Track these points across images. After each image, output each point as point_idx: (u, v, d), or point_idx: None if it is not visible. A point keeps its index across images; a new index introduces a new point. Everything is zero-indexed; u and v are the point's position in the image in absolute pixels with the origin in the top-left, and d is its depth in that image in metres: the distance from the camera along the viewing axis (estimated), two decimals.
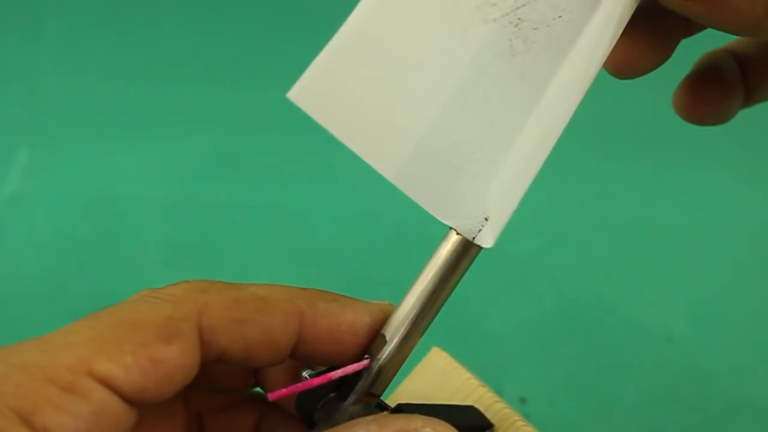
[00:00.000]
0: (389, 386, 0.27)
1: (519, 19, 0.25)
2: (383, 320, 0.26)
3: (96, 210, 0.66)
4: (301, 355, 0.26)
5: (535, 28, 0.25)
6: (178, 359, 0.23)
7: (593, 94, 0.26)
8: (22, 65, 0.77)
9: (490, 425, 0.29)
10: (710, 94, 0.32)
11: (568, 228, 0.67)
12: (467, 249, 0.26)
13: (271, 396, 0.25)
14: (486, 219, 0.25)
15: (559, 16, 0.25)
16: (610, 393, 0.56)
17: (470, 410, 0.30)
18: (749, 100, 0.33)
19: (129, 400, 0.22)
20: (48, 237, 0.65)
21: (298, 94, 0.24)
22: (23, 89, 0.75)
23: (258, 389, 0.29)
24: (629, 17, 0.26)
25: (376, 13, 0.24)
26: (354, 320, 0.26)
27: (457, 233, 0.26)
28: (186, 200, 0.68)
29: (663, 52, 0.29)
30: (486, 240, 0.25)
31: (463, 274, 0.26)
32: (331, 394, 0.27)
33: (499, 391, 0.54)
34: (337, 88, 0.24)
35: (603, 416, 0.55)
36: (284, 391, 0.25)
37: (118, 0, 0.79)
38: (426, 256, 0.26)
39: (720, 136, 0.74)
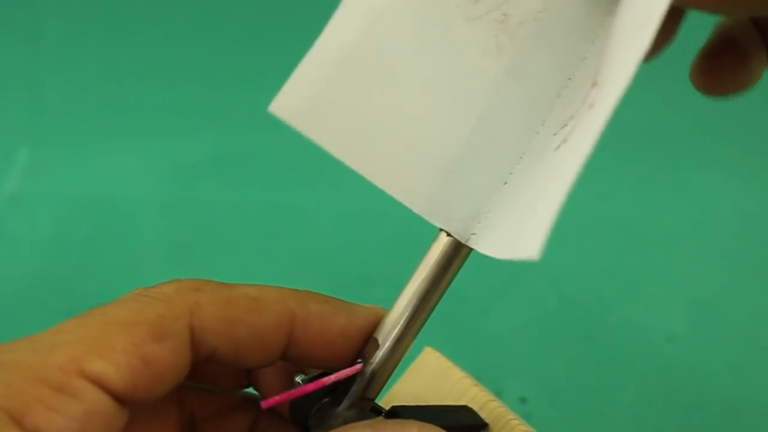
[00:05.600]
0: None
1: (504, 15, 0.25)
2: (375, 323, 0.26)
3: (96, 210, 0.66)
4: (293, 357, 0.26)
5: (521, 23, 0.25)
6: (169, 358, 0.23)
7: None
8: (22, 65, 0.76)
9: (485, 425, 0.29)
10: (727, 65, 0.29)
11: (568, 228, 0.67)
12: (458, 250, 0.25)
13: (265, 404, 0.25)
14: (479, 221, 0.25)
15: (546, 9, 0.25)
16: (610, 393, 0.56)
17: (464, 410, 0.30)
18: None
19: (120, 399, 0.22)
20: (48, 237, 0.65)
21: (279, 106, 0.23)
22: (23, 89, 0.75)
23: (252, 390, 0.29)
24: None
25: (354, 21, 0.24)
26: (346, 323, 0.26)
27: (448, 235, 0.25)
28: (186, 200, 0.68)
29: (666, 34, 0.27)
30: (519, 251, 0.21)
31: (455, 275, 0.26)
32: (325, 399, 0.26)
33: (499, 391, 0.54)
34: (319, 97, 0.24)
35: (603, 416, 0.55)
36: (278, 398, 0.25)
37: (118, 1, 0.79)
38: None
39: (720, 136, 0.74)
